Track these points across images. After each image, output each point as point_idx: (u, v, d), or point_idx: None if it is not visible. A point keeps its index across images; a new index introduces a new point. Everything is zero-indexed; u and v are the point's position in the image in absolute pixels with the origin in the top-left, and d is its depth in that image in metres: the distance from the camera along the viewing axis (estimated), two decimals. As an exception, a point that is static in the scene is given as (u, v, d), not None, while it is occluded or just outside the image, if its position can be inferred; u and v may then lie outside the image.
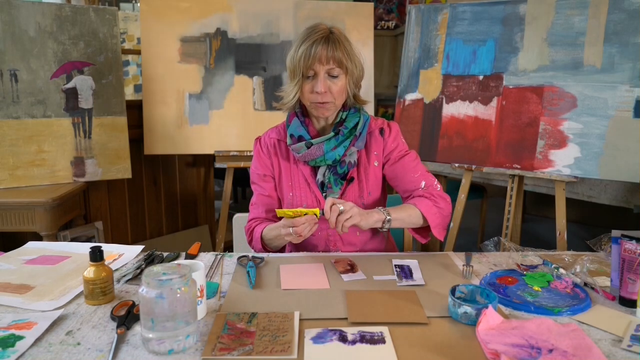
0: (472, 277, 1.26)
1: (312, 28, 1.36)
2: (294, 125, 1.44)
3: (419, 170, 1.46)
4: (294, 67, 1.35)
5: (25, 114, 2.29)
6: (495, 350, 0.89)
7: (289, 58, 1.37)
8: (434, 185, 1.45)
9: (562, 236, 2.05)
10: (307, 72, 1.34)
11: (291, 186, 1.46)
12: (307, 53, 1.31)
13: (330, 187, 1.43)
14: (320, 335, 0.95)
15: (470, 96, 2.25)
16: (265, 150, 1.50)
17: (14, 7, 2.23)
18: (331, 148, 1.39)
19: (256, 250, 1.47)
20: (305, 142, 1.40)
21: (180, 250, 1.45)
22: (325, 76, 1.34)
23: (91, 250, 1.10)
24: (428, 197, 1.40)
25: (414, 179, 1.45)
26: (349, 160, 1.42)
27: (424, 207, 1.37)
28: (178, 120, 2.66)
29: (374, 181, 1.47)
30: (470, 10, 2.27)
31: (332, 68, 1.33)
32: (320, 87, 1.33)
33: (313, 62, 1.32)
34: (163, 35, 2.62)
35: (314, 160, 1.41)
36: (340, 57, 1.33)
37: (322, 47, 1.31)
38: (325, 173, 1.44)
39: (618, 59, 1.91)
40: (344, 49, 1.34)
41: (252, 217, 1.52)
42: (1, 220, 2.17)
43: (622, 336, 0.97)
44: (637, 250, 1.08)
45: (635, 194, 2.30)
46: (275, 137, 1.50)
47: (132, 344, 0.94)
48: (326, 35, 1.33)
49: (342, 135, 1.40)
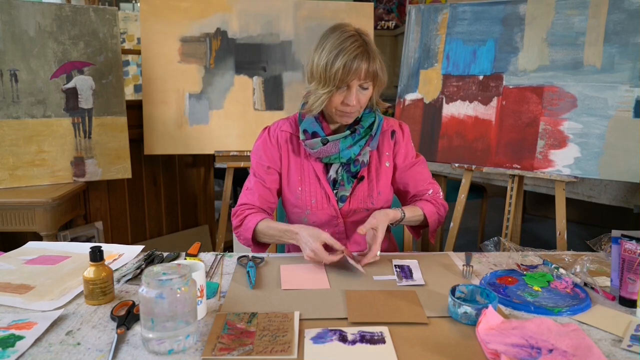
0: (472, 277, 1.26)
1: (343, 34, 1.29)
2: (307, 121, 1.41)
3: (428, 177, 1.53)
4: (327, 76, 1.28)
5: (25, 114, 2.29)
6: (495, 350, 0.89)
7: (318, 66, 1.30)
8: (439, 192, 1.52)
9: (562, 236, 2.05)
10: (342, 84, 1.30)
11: (300, 181, 1.45)
12: (347, 68, 1.26)
13: (342, 185, 1.43)
14: (320, 335, 0.95)
15: (470, 96, 2.25)
16: (274, 142, 1.47)
17: (14, 7, 2.23)
18: (347, 146, 1.39)
19: (242, 238, 1.40)
20: (321, 139, 1.38)
21: (180, 250, 1.44)
22: (357, 89, 1.32)
23: (91, 250, 1.10)
24: (433, 204, 1.47)
25: (424, 186, 1.51)
26: (362, 159, 1.42)
27: (428, 212, 1.44)
28: (178, 120, 2.66)
29: (385, 181, 1.47)
30: (470, 10, 2.27)
31: (366, 82, 1.32)
32: (353, 101, 1.32)
33: (352, 78, 1.28)
34: (163, 35, 2.62)
35: (328, 157, 1.41)
36: (377, 70, 1.31)
37: (363, 62, 1.27)
38: (339, 170, 1.44)
39: (618, 59, 1.91)
40: (379, 61, 1.32)
41: (245, 202, 1.44)
42: (1, 220, 2.17)
43: (622, 336, 0.97)
44: (637, 250, 1.08)
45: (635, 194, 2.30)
46: (288, 130, 1.47)
47: (132, 344, 0.94)
48: (363, 48, 1.28)
49: (358, 134, 1.40)
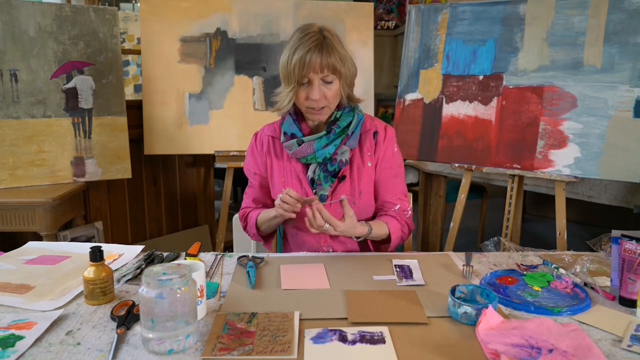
0: (472, 277, 1.26)
1: (303, 32, 1.33)
2: (287, 122, 1.45)
3: (400, 191, 1.51)
4: (287, 74, 1.34)
5: (25, 114, 2.29)
6: (495, 350, 0.89)
7: (281, 64, 1.35)
8: (407, 210, 1.52)
9: (562, 236, 2.05)
10: (302, 79, 1.33)
11: (284, 182, 1.48)
12: (302, 62, 1.30)
13: (320, 184, 1.44)
14: (320, 335, 0.95)
15: (470, 96, 2.24)
16: (259, 148, 1.53)
17: (14, 7, 2.23)
18: (322, 146, 1.40)
19: (251, 234, 1.54)
20: (297, 140, 1.42)
21: (180, 250, 1.45)
22: (319, 83, 1.33)
23: (91, 250, 1.10)
24: (399, 221, 1.47)
25: (393, 198, 1.49)
26: (340, 158, 1.42)
27: (393, 229, 1.44)
28: (178, 120, 2.66)
29: (367, 181, 1.47)
30: (470, 10, 2.27)
31: (326, 75, 1.32)
32: (315, 95, 1.33)
33: (308, 71, 1.30)
34: (163, 35, 2.62)
35: (305, 158, 1.43)
36: (334, 63, 1.31)
37: (316, 55, 1.29)
38: (316, 170, 1.45)
39: (618, 59, 1.91)
40: (337, 54, 1.32)
41: (245, 205, 1.58)
42: (1, 220, 2.17)
43: (622, 336, 0.97)
44: (637, 250, 1.08)
45: (635, 194, 2.30)
46: (270, 135, 1.52)
47: (132, 344, 0.94)
48: (319, 42, 1.31)
49: (333, 134, 1.41)
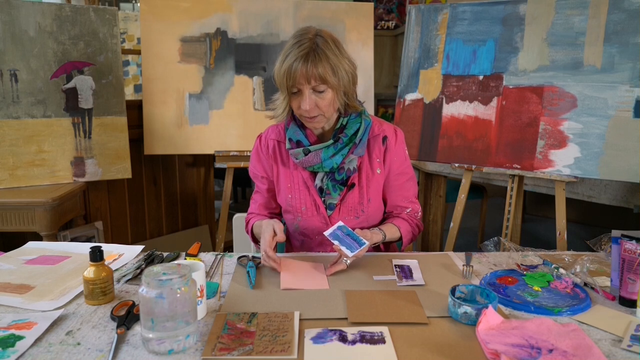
0: (472, 277, 1.26)
1: (296, 38, 1.28)
2: (292, 129, 1.40)
3: (411, 195, 1.51)
4: (279, 83, 1.30)
5: (25, 114, 2.29)
6: (495, 350, 0.89)
7: (274, 71, 1.31)
8: (417, 212, 1.52)
9: (562, 236, 2.05)
10: (292, 89, 1.29)
11: (290, 188, 1.45)
12: (289, 72, 1.25)
13: (328, 193, 1.42)
14: (320, 335, 0.95)
15: (470, 96, 2.24)
16: (264, 151, 1.48)
17: (14, 7, 2.23)
18: (329, 156, 1.36)
19: (253, 241, 1.56)
20: (303, 149, 1.37)
21: (180, 250, 1.45)
22: (310, 92, 1.28)
23: (91, 250, 1.10)
24: (409, 223, 1.49)
25: (404, 203, 1.50)
26: (348, 167, 1.39)
27: (404, 232, 1.46)
28: (178, 120, 2.66)
29: (375, 188, 1.45)
30: (470, 10, 2.27)
31: (316, 85, 1.27)
32: (306, 105, 1.28)
33: (294, 81, 1.26)
34: (163, 35, 2.62)
35: (311, 167, 1.39)
36: (322, 74, 1.25)
37: (302, 65, 1.24)
38: (324, 179, 1.42)
39: (618, 59, 1.91)
40: (328, 64, 1.26)
41: (251, 211, 1.57)
42: (1, 220, 2.17)
43: (622, 336, 0.97)
44: (637, 250, 1.08)
45: (635, 194, 2.30)
46: (275, 139, 1.47)
47: (132, 344, 0.94)
48: (307, 52, 1.25)
49: (341, 143, 1.36)
